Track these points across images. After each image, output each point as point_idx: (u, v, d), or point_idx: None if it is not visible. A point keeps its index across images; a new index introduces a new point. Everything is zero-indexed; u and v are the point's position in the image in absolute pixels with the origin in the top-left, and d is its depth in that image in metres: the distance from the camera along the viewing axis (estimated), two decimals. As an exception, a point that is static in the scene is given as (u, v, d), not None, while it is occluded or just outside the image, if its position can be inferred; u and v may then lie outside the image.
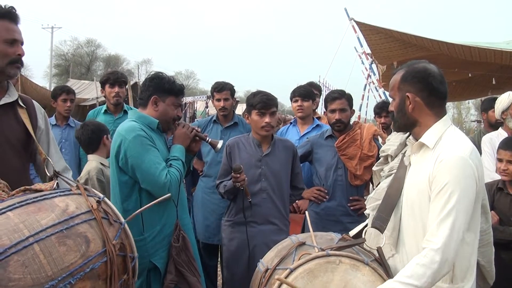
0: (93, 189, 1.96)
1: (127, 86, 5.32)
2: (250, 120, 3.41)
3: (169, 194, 2.25)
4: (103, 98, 17.84)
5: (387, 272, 1.93)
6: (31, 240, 1.56)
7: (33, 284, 1.49)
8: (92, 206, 1.79)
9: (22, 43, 2.30)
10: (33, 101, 2.52)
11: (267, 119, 3.28)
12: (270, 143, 3.39)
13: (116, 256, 1.76)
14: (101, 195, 1.92)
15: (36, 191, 1.85)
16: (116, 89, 4.49)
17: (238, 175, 3.09)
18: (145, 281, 2.74)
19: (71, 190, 1.89)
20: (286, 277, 1.86)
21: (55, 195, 1.80)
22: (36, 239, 1.57)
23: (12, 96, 2.34)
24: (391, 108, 2.16)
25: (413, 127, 2.08)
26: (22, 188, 1.86)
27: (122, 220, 1.89)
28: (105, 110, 4.57)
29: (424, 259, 1.80)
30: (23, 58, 2.32)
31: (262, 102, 3.29)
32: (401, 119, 2.09)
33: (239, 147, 3.42)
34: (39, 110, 2.51)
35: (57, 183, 2.04)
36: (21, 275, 1.48)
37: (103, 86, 4.61)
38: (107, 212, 1.85)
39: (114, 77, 4.51)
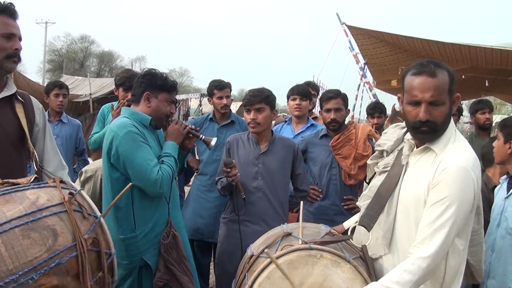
0: (71, 182, 1.91)
1: None
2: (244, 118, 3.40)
3: (130, 184, 2.19)
4: (96, 95, 17.88)
5: (369, 271, 1.93)
6: None
7: None
8: (64, 198, 1.73)
9: (20, 39, 2.30)
10: (31, 97, 2.51)
11: (251, 116, 3.24)
12: (268, 141, 3.34)
13: (87, 251, 1.69)
14: (78, 188, 1.86)
15: (14, 184, 1.81)
16: (130, 94, 4.19)
17: (229, 170, 3.05)
18: (136, 279, 2.71)
19: (47, 183, 1.85)
20: (266, 266, 1.91)
21: (28, 187, 1.76)
22: None
23: (10, 89, 2.34)
24: (427, 116, 1.88)
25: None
26: (0, 181, 1.83)
27: (98, 214, 1.82)
28: None
29: (411, 267, 1.79)
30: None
31: (246, 99, 3.28)
32: (445, 125, 1.94)
33: (238, 144, 3.38)
34: (37, 106, 2.50)
35: (36, 177, 2.01)
36: None
37: (117, 87, 4.26)
38: (81, 205, 1.78)
39: (130, 83, 4.04)
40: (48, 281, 1.57)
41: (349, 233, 2.22)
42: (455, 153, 1.88)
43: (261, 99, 3.25)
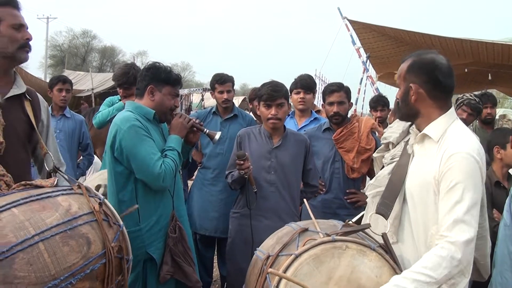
0: (93, 190, 1.96)
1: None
2: (260, 111, 3.36)
3: (136, 206, 2.26)
4: (98, 89, 17.88)
5: (393, 258, 1.90)
6: (36, 238, 1.57)
7: (37, 282, 1.51)
8: (94, 207, 1.81)
9: (27, 28, 2.31)
10: (38, 94, 2.51)
11: (272, 111, 3.19)
12: (281, 135, 3.31)
13: (114, 258, 1.78)
14: (102, 197, 1.92)
15: (37, 186, 1.85)
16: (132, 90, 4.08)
17: (242, 162, 3.02)
18: (141, 272, 2.73)
19: (72, 189, 1.89)
20: (291, 263, 1.82)
21: (58, 193, 1.81)
22: (41, 237, 1.58)
23: (20, 87, 2.34)
24: (397, 95, 2.12)
25: (415, 118, 2.06)
26: (23, 182, 1.86)
27: (121, 222, 1.91)
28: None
29: (442, 251, 1.77)
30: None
31: (267, 94, 3.21)
32: (404, 109, 2.07)
33: (249, 138, 3.35)
34: (43, 103, 2.50)
35: (57, 180, 2.03)
36: (26, 273, 1.50)
37: (118, 86, 4.27)
38: (107, 214, 1.86)
39: (130, 82, 4.15)
40: (82, 286, 1.65)
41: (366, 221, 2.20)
42: (459, 140, 1.91)
43: (281, 94, 3.22)
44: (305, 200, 2.49)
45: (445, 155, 1.88)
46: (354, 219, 2.23)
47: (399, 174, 2.11)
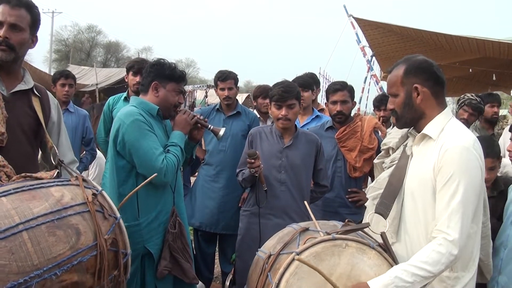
0: (92, 181, 1.94)
1: None
2: (270, 111, 3.37)
3: (155, 174, 2.23)
4: (102, 84, 17.93)
5: (392, 257, 1.92)
6: (20, 227, 1.55)
7: (18, 271, 1.48)
8: (87, 198, 1.77)
9: (13, 26, 2.19)
10: (48, 92, 2.50)
11: (283, 112, 3.20)
12: (292, 135, 3.32)
13: (107, 251, 1.73)
14: (99, 188, 1.89)
15: (36, 178, 1.83)
16: (138, 78, 4.20)
17: (253, 161, 3.04)
18: (139, 267, 2.74)
19: (70, 180, 1.87)
20: (292, 261, 1.84)
21: (52, 184, 1.78)
22: (26, 226, 1.56)
23: (27, 83, 2.33)
24: (390, 106, 2.14)
25: (420, 120, 2.08)
26: (23, 174, 1.85)
27: (118, 215, 1.87)
28: (125, 98, 4.34)
29: (440, 248, 1.82)
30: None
31: (278, 94, 3.21)
32: (409, 114, 2.08)
33: (261, 137, 3.36)
34: (53, 101, 2.50)
35: (58, 172, 2.02)
36: (7, 261, 1.48)
37: (127, 72, 4.42)
38: (103, 205, 1.82)
39: (139, 66, 4.26)
40: (69, 278, 1.62)
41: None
42: (454, 135, 1.96)
43: (293, 95, 3.23)
44: (305, 202, 2.49)
45: (442, 150, 1.92)
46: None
47: (398, 174, 2.14)
